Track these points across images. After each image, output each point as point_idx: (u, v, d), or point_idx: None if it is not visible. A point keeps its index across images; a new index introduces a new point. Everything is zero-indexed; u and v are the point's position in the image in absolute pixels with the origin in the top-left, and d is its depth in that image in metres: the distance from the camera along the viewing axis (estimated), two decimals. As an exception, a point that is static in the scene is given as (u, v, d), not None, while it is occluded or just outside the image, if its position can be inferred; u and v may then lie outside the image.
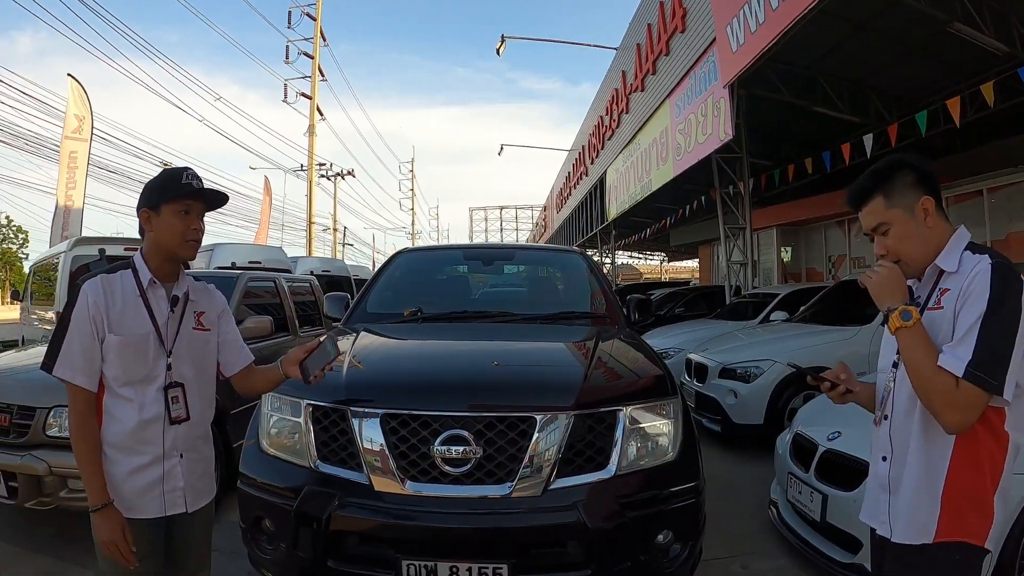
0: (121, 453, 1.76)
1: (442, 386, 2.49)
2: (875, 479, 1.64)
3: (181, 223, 1.81)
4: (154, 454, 1.79)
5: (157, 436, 1.80)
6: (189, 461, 1.87)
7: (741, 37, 7.87)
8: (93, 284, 1.78)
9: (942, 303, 1.48)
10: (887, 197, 1.55)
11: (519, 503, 2.19)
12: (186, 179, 1.81)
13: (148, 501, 1.79)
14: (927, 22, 7.44)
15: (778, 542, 3.50)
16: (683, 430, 2.52)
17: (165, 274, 1.87)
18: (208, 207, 1.90)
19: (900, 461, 1.54)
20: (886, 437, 1.59)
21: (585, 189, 22.82)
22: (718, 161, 10.55)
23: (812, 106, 9.86)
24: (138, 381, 1.78)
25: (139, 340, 1.78)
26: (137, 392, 1.78)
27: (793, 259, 16.87)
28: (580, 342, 3.16)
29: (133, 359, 1.77)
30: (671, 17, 10.90)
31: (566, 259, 4.82)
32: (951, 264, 1.51)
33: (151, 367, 1.80)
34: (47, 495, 3.34)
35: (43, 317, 8.01)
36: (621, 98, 15.52)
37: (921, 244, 1.54)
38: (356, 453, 2.28)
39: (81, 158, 13.67)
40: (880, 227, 1.57)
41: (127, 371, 1.77)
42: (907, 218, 1.54)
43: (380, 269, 4.49)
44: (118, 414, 1.77)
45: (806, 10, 6.33)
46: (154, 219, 1.82)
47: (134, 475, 1.77)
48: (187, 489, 1.86)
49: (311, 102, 22.55)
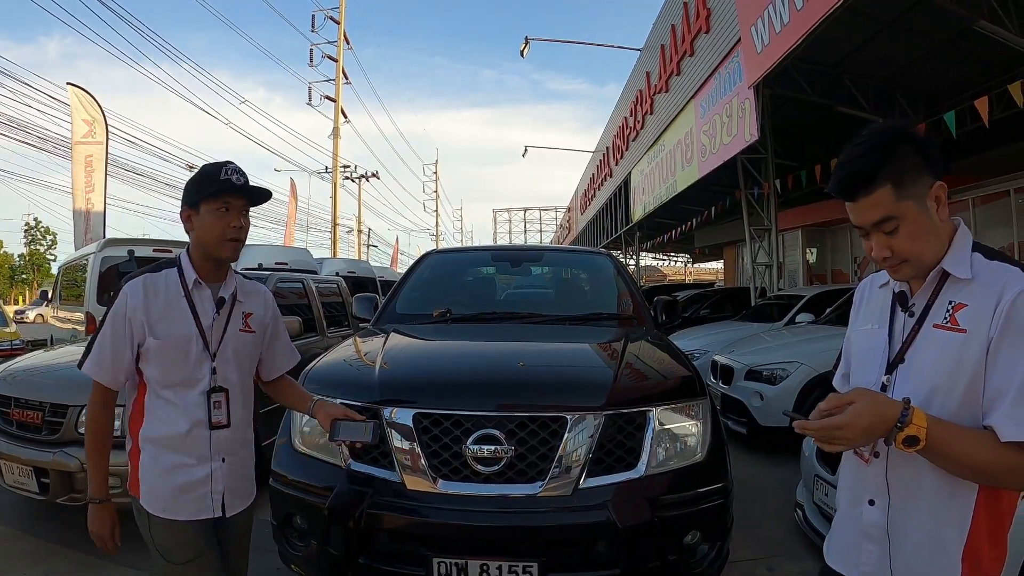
0: (162, 450, 1.73)
1: (474, 386, 2.53)
2: (854, 524, 1.35)
3: (220, 222, 1.72)
4: (198, 456, 1.76)
5: (202, 440, 1.76)
6: (230, 464, 1.83)
7: (766, 38, 7.81)
8: (134, 285, 1.74)
9: (959, 322, 1.20)
10: (897, 185, 1.20)
11: (549, 502, 2.22)
12: (225, 175, 1.72)
13: (186, 503, 1.75)
14: (952, 20, 7.34)
15: (804, 544, 3.49)
16: (711, 431, 2.54)
17: (210, 274, 1.81)
18: (250, 203, 1.81)
19: (903, 509, 1.26)
20: (879, 478, 1.29)
21: (609, 190, 22.78)
22: (743, 162, 10.50)
23: (837, 106, 9.77)
24: (179, 384, 1.74)
25: (180, 342, 1.73)
26: (179, 395, 1.74)
27: (819, 260, 16.67)
28: (609, 343, 3.19)
29: (173, 362, 1.73)
30: (695, 18, 10.85)
31: (593, 260, 4.85)
32: (963, 270, 1.23)
33: (192, 370, 1.75)
34: (78, 491, 3.42)
35: (69, 318, 8.15)
36: (645, 99, 15.46)
37: (936, 242, 1.24)
38: (388, 452, 2.33)
39: (98, 161, 13.70)
40: (886, 223, 1.23)
41: (167, 373, 1.73)
42: (920, 211, 1.22)
43: (409, 270, 4.55)
44: (161, 414, 1.74)
45: (830, 10, 6.27)
46: (195, 218, 1.75)
47: (174, 473, 1.73)
48: (226, 493, 1.82)
49: (335, 105, 22.82)
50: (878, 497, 1.30)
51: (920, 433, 1.13)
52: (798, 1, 6.86)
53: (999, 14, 6.96)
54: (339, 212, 24.34)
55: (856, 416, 1.14)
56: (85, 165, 13.76)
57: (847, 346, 1.51)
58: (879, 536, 1.30)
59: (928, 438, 1.13)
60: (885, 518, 1.29)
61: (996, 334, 1.15)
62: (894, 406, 1.15)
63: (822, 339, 6.13)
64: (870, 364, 1.35)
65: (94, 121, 13.76)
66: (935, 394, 1.21)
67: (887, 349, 1.33)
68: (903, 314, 1.32)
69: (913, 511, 1.25)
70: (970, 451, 1.14)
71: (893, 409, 1.14)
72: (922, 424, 1.13)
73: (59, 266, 10.46)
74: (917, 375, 1.25)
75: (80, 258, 8.48)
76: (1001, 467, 1.13)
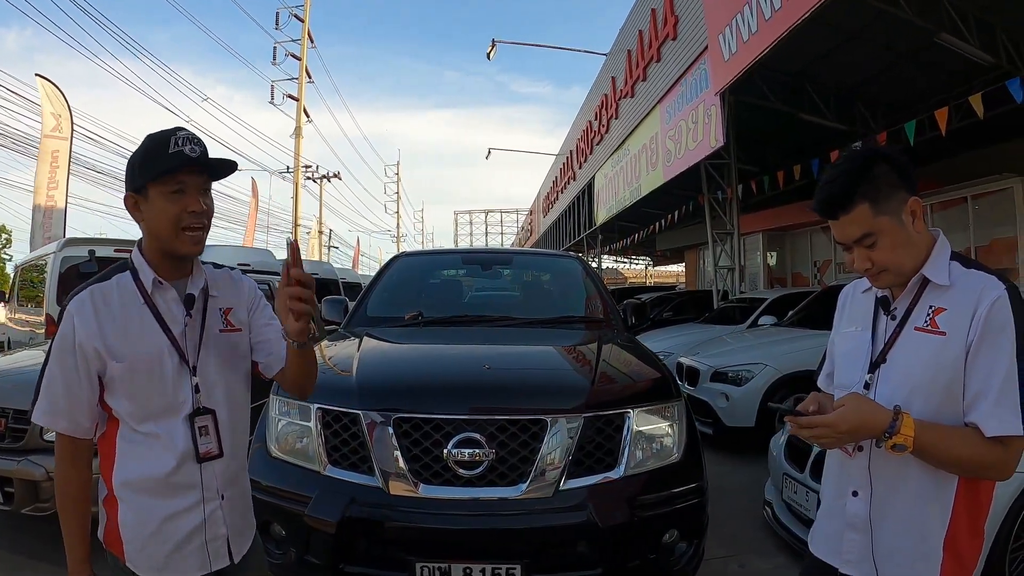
0: (147, 497, 1.39)
1: (454, 390, 2.52)
2: (838, 515, 1.42)
3: (174, 207, 1.35)
4: (192, 499, 1.42)
5: (193, 476, 1.42)
6: (231, 501, 1.49)
7: (734, 46, 7.99)
8: (79, 302, 1.37)
9: (939, 325, 1.29)
10: (873, 203, 1.28)
11: (531, 504, 2.23)
12: (176, 145, 1.33)
13: (187, 556, 1.42)
14: (914, 32, 7.60)
15: (774, 541, 3.58)
16: (687, 431, 2.59)
17: (171, 270, 1.44)
18: (212, 178, 1.43)
19: (884, 500, 1.33)
20: (863, 471, 1.36)
21: (573, 194, 22.96)
22: (707, 167, 10.68)
23: (799, 113, 10.03)
24: (160, 413, 1.40)
25: (150, 361, 1.39)
26: (162, 426, 1.40)
27: (779, 264, 17.06)
28: (584, 346, 3.22)
29: (147, 386, 1.38)
30: (663, 24, 11.03)
31: (563, 263, 4.88)
32: (942, 277, 1.31)
33: (172, 392, 1.41)
34: (44, 501, 3.30)
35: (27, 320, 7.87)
36: (611, 104, 15.65)
37: (913, 252, 1.32)
38: (368, 457, 2.31)
39: (63, 157, 13.35)
40: (866, 238, 1.31)
41: (143, 404, 1.39)
42: (897, 225, 1.30)
43: (379, 273, 4.52)
44: (140, 452, 1.39)
45: (799, 20, 6.46)
46: (143, 205, 1.38)
47: (165, 527, 1.40)
48: (231, 535, 1.48)
49: (298, 104, 22.48)
50: (861, 488, 1.36)
51: (908, 442, 1.21)
52: (767, 10, 7.05)
53: (960, 28, 7.26)
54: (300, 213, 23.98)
55: (843, 419, 1.24)
56: (51, 160, 13.29)
57: (831, 348, 1.59)
58: (862, 526, 1.36)
59: (916, 444, 1.21)
60: (868, 509, 1.35)
61: (975, 338, 1.24)
62: (884, 414, 1.23)
63: (786, 341, 6.27)
64: (853, 364, 1.43)
65: (60, 116, 13.34)
66: (916, 392, 1.29)
67: (870, 350, 1.41)
68: (886, 317, 1.40)
69: (895, 502, 1.32)
70: (956, 449, 1.23)
71: (883, 416, 1.23)
72: (910, 433, 1.21)
73: (16, 266, 10.08)
74: (898, 374, 1.33)
75: (38, 258, 8.20)
76: (985, 461, 1.22)
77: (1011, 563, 2.72)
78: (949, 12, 7.14)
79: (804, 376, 5.61)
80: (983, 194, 9.67)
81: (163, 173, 1.34)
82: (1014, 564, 2.74)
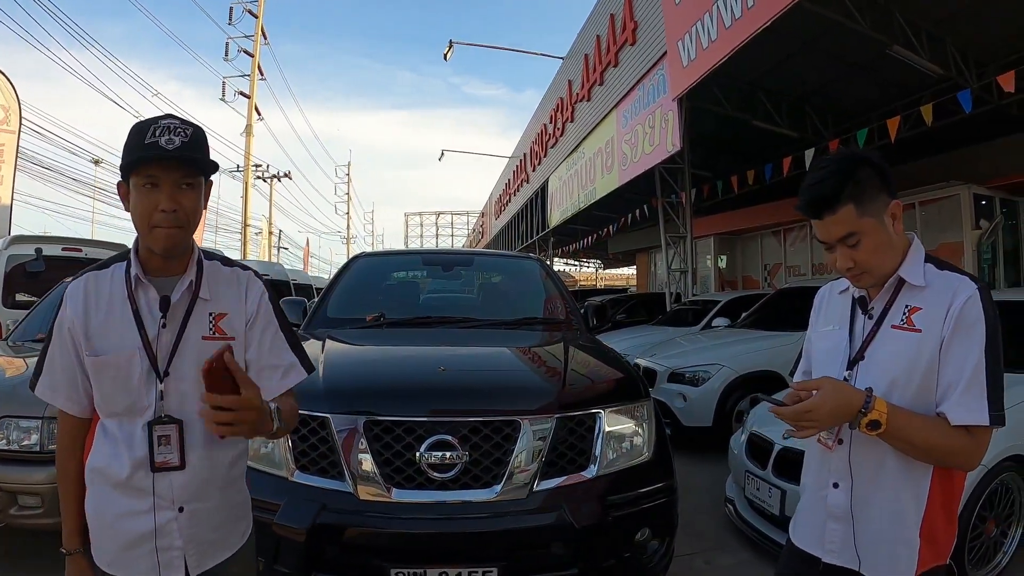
0: (109, 489, 1.36)
1: (426, 391, 2.48)
2: (819, 505, 1.47)
3: (145, 201, 1.30)
4: (146, 504, 1.35)
5: (145, 483, 1.34)
6: (193, 514, 1.38)
7: (693, 53, 8.15)
8: (75, 288, 1.38)
9: (915, 323, 1.35)
10: (858, 204, 1.32)
11: (506, 506, 2.21)
12: (152, 135, 1.26)
13: (136, 558, 1.36)
14: (868, 44, 7.89)
15: (737, 537, 3.64)
16: (656, 431, 2.62)
17: (160, 266, 1.39)
18: (191, 173, 1.33)
19: (865, 490, 1.39)
20: (843, 463, 1.42)
21: (526, 196, 23.01)
22: (661, 171, 10.83)
23: (752, 120, 10.29)
24: (122, 412, 1.36)
25: (119, 360, 1.34)
26: (121, 427, 1.36)
27: (729, 267, 17.47)
28: (551, 347, 3.22)
29: (112, 385, 1.34)
30: (622, 30, 11.17)
31: (524, 265, 4.87)
32: (917, 278, 1.37)
33: (136, 396, 1.34)
34: None
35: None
36: (566, 107, 15.75)
37: (892, 254, 1.38)
38: (338, 462, 2.25)
39: (8, 151, 12.64)
40: (850, 238, 1.35)
41: (107, 400, 1.36)
42: (879, 227, 1.35)
43: (338, 274, 4.42)
44: (105, 448, 1.37)
45: (760, 28, 6.63)
46: (130, 195, 1.34)
47: (119, 522, 1.35)
48: (188, 549, 1.38)
49: (249, 101, 21.94)
50: (842, 480, 1.42)
51: (882, 418, 1.27)
52: (727, 18, 7.21)
53: (912, 41, 7.57)
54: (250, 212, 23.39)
55: (823, 401, 1.29)
56: (-2, 154, 12.61)
57: (807, 346, 1.65)
58: (843, 516, 1.42)
59: (888, 423, 1.27)
60: (849, 499, 1.41)
61: (948, 333, 1.31)
62: (858, 393, 1.30)
63: (740, 342, 6.42)
64: (832, 361, 1.48)
65: (9, 109, 12.58)
66: (894, 386, 1.35)
67: (848, 348, 1.46)
68: (863, 317, 1.46)
69: (874, 492, 1.38)
70: (925, 434, 1.29)
71: (857, 396, 1.29)
72: (883, 410, 1.27)
73: None
74: (877, 369, 1.39)
75: None
76: (952, 448, 1.29)
77: (969, 551, 2.86)
78: (902, 26, 7.48)
79: (760, 376, 5.76)
80: (931, 200, 10.08)
81: (134, 164, 1.29)
82: (972, 552, 2.87)
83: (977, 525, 2.88)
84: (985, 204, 9.93)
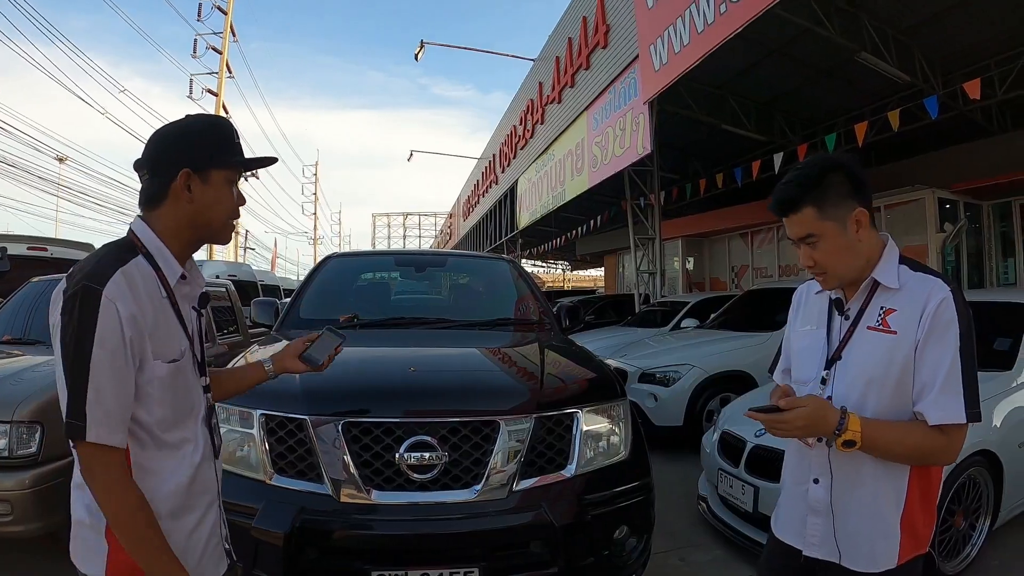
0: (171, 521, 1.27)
1: (405, 392, 2.47)
2: (800, 500, 1.52)
3: (230, 198, 1.35)
4: (209, 497, 1.37)
5: (210, 475, 1.38)
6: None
7: (664, 57, 8.24)
8: (118, 287, 1.18)
9: (890, 324, 1.38)
10: (819, 208, 1.38)
11: (486, 506, 2.22)
12: (238, 140, 1.38)
13: (212, 559, 1.38)
14: (837, 51, 8.10)
15: (710, 534, 3.70)
16: (632, 430, 2.66)
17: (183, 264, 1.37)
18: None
19: (845, 486, 1.43)
20: (823, 460, 1.46)
21: (495, 197, 23.00)
22: (630, 174, 10.94)
23: (721, 124, 10.46)
24: (187, 415, 1.33)
25: (186, 365, 1.33)
26: (190, 429, 1.34)
27: (696, 268, 17.70)
28: (526, 347, 3.23)
29: (184, 388, 1.32)
30: (594, 33, 11.24)
31: (497, 266, 4.87)
32: (891, 280, 1.41)
33: (195, 396, 1.37)
34: None
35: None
36: (537, 108, 15.79)
37: (852, 258, 1.41)
38: (316, 464, 2.23)
39: None
40: (809, 238, 1.41)
41: (178, 407, 1.30)
42: (839, 231, 1.39)
43: (311, 274, 4.38)
44: (167, 469, 1.27)
45: (732, 34, 6.74)
46: (196, 186, 1.29)
47: (196, 532, 1.34)
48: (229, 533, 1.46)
49: (217, 99, 21.58)
50: (822, 476, 1.47)
51: (856, 437, 1.32)
52: (699, 24, 7.31)
53: (880, 48, 7.78)
54: (216, 212, 22.96)
55: (797, 417, 1.34)
56: (-46, 150, 12.20)
57: (786, 344, 1.69)
58: (824, 510, 1.46)
59: (863, 440, 1.32)
60: (829, 494, 1.46)
61: (923, 335, 1.35)
62: (834, 414, 1.34)
63: (709, 343, 6.51)
64: (810, 361, 1.54)
65: None
66: (870, 386, 1.40)
67: (826, 348, 1.51)
68: (840, 317, 1.50)
69: (854, 487, 1.42)
70: (901, 440, 1.34)
71: (833, 416, 1.33)
72: (857, 429, 1.32)
73: None
74: (853, 370, 1.43)
75: None
76: (930, 448, 1.34)
77: (940, 544, 2.96)
78: (871, 33, 7.69)
79: (729, 376, 5.86)
80: (896, 204, 10.30)
81: (237, 163, 1.36)
82: (942, 545, 2.97)
83: (947, 518, 2.98)
84: (949, 208, 10.19)
